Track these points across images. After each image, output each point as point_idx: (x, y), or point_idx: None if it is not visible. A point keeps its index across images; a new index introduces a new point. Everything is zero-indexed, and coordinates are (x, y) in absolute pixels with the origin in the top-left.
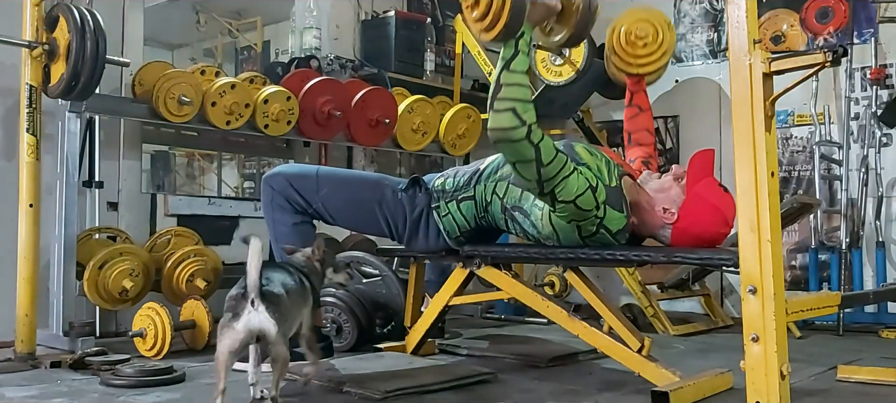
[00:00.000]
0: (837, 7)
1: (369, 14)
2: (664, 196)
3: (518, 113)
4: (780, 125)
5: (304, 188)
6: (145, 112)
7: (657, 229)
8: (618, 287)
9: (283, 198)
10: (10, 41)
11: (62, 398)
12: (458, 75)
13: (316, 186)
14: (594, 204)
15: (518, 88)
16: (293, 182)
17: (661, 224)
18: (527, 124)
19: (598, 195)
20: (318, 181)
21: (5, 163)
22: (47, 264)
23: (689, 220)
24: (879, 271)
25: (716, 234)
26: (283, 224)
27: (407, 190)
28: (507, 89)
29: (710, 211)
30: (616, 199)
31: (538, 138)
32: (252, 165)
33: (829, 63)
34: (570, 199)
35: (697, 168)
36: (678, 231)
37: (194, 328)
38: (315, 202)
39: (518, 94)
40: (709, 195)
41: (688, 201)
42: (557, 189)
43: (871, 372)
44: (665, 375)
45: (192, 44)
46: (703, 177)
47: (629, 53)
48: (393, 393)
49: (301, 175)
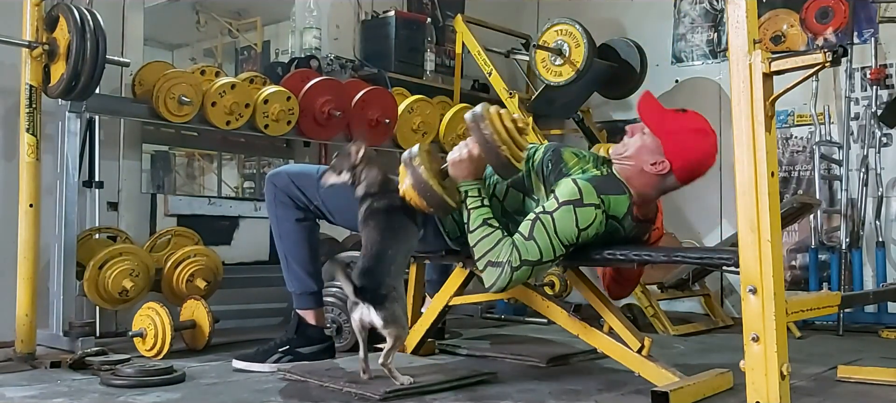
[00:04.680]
0: (837, 7)
1: (369, 14)
2: (643, 152)
3: (494, 262)
4: (780, 125)
5: (306, 186)
6: (145, 112)
7: (659, 185)
8: None
9: (286, 196)
10: (10, 41)
11: (62, 398)
12: (458, 75)
13: (317, 184)
14: (597, 209)
15: (484, 241)
16: (295, 180)
17: (659, 177)
18: (503, 265)
19: (593, 198)
20: (318, 179)
21: (5, 163)
22: (47, 264)
23: (682, 157)
24: (879, 271)
25: (711, 150)
26: (285, 220)
27: None
28: (477, 249)
29: (694, 137)
30: (611, 184)
31: (522, 262)
32: (252, 165)
33: (829, 63)
34: (588, 232)
35: (649, 111)
36: (680, 171)
37: (194, 328)
38: (316, 200)
39: (486, 247)
40: (681, 124)
41: (667, 142)
42: (573, 244)
43: (871, 372)
44: (665, 375)
45: (192, 44)
46: (661, 115)
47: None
48: (393, 393)
49: (303, 173)
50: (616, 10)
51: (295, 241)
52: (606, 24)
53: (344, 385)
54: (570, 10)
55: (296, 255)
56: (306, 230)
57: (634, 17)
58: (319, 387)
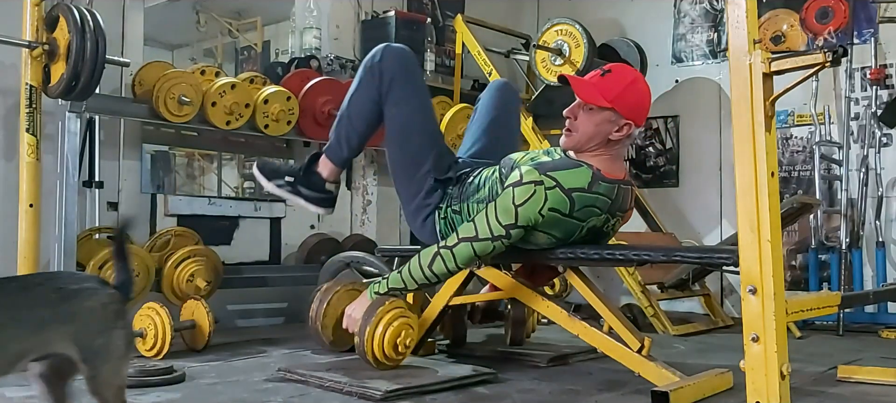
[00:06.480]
0: (837, 7)
1: (369, 14)
2: (602, 127)
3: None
4: (780, 125)
5: (395, 88)
6: (145, 112)
7: (627, 142)
8: (618, 287)
9: (379, 74)
10: (10, 41)
11: None
12: (458, 75)
13: (402, 96)
14: (538, 186)
15: (412, 264)
16: (396, 72)
17: (627, 136)
18: (438, 250)
19: (533, 176)
20: (409, 93)
21: (5, 163)
22: (47, 264)
23: (637, 111)
24: (879, 271)
25: (647, 86)
26: (366, 92)
27: (436, 179)
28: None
29: (635, 89)
30: (561, 163)
31: (459, 239)
32: (252, 165)
33: (829, 63)
34: (529, 208)
35: (589, 89)
36: (640, 122)
37: (194, 328)
38: (389, 105)
39: (418, 261)
40: (620, 85)
41: (620, 107)
42: (514, 221)
43: (871, 372)
44: (665, 375)
45: (192, 44)
46: (599, 88)
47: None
48: (393, 393)
49: (406, 75)
50: (616, 10)
51: (361, 112)
52: (606, 24)
53: (344, 384)
54: (570, 10)
55: (353, 123)
56: (375, 113)
57: (634, 17)
58: (319, 387)
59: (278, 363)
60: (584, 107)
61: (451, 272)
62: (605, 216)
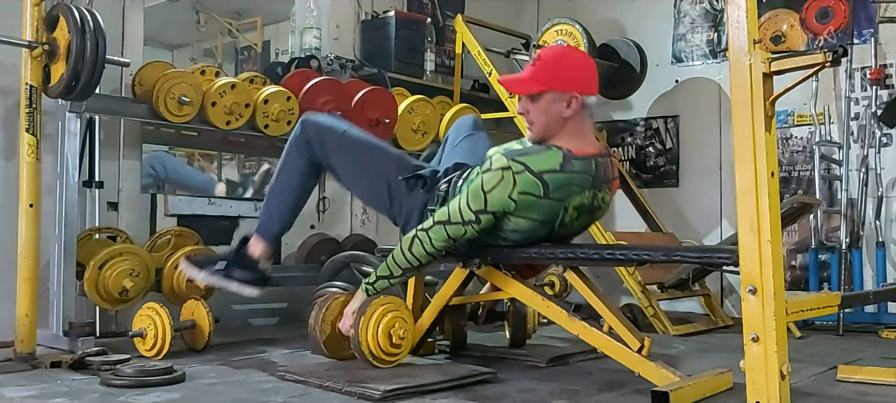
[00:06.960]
0: (837, 7)
1: (369, 14)
2: (551, 109)
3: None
4: (780, 125)
5: (329, 141)
6: (145, 112)
7: (585, 112)
8: (618, 287)
9: (306, 145)
10: (10, 41)
11: (62, 398)
12: (458, 75)
13: (338, 144)
14: (505, 171)
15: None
16: (321, 134)
17: (581, 108)
18: (416, 232)
19: (501, 162)
20: (341, 139)
21: (5, 163)
22: (47, 264)
23: (578, 81)
24: (879, 271)
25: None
26: (293, 164)
27: (408, 180)
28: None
29: (568, 60)
30: (529, 149)
31: (435, 222)
32: (252, 165)
33: (829, 63)
34: (498, 194)
35: (521, 82)
36: (588, 89)
37: (194, 328)
38: (332, 158)
39: (399, 248)
40: (553, 63)
41: (560, 84)
42: (483, 207)
43: (871, 372)
44: (665, 375)
45: (192, 44)
46: (532, 77)
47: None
48: (393, 393)
49: (331, 128)
50: (616, 10)
51: (289, 184)
52: (606, 24)
53: (343, 384)
54: (570, 10)
55: (283, 196)
56: (304, 185)
57: (634, 17)
58: (319, 387)
59: (278, 363)
60: (529, 98)
61: (429, 254)
62: (590, 192)
